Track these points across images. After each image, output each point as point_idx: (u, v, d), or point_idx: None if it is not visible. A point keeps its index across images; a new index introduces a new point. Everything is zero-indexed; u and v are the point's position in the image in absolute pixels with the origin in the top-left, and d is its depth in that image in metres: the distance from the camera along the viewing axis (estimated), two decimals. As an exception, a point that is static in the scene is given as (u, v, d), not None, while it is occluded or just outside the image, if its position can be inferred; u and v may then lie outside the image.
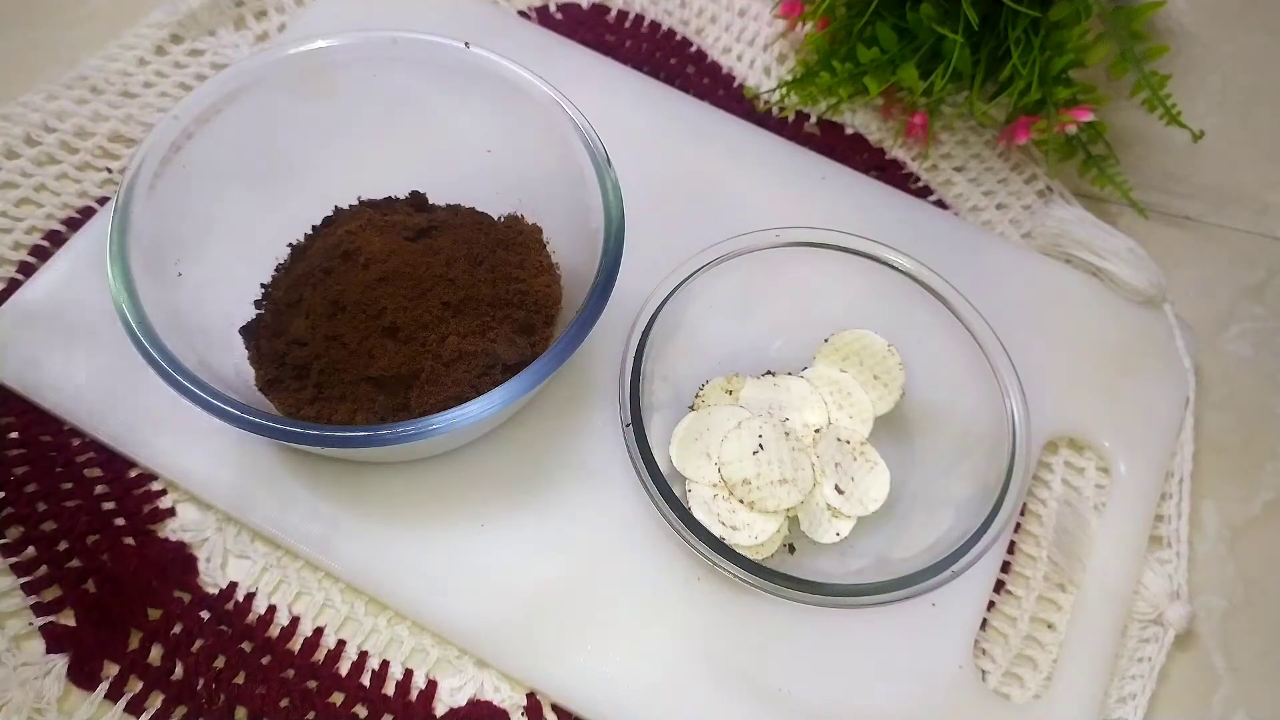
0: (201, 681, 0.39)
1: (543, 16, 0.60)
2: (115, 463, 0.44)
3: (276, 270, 0.44)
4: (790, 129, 0.58)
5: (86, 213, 0.49)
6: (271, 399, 0.41)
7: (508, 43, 0.44)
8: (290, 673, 0.40)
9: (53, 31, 0.56)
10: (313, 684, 0.40)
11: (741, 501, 0.42)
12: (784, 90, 0.58)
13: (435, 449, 0.43)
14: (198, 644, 0.40)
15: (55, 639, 0.40)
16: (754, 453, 0.42)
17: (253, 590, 0.42)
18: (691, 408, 0.45)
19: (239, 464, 0.43)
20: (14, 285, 0.47)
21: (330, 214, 0.46)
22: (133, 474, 0.44)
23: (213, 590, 0.42)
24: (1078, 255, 0.53)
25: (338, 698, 0.40)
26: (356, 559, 0.42)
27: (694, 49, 0.61)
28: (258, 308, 0.43)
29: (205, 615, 0.41)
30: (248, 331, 0.42)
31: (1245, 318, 0.55)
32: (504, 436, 0.44)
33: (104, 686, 0.39)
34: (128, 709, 0.39)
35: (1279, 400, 0.53)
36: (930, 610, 0.43)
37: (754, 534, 0.41)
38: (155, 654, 0.40)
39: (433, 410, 0.36)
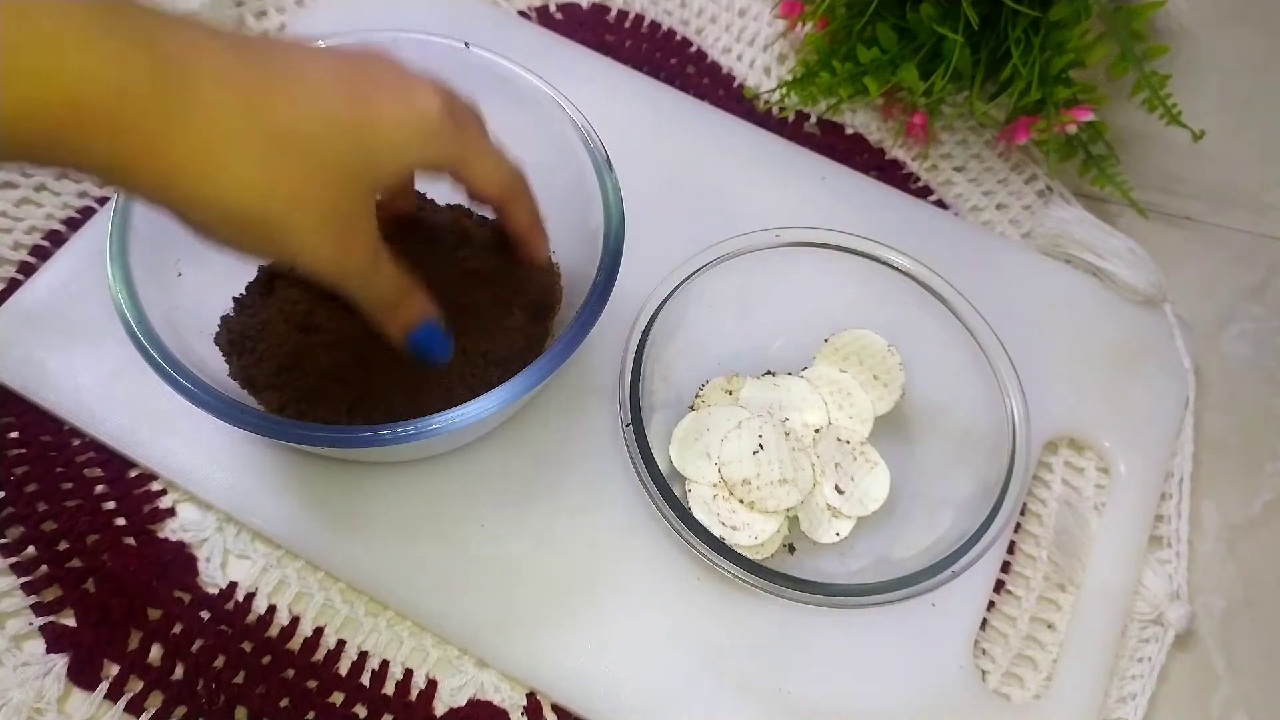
0: (201, 681, 0.39)
1: (543, 16, 0.60)
2: (115, 463, 0.44)
3: (260, 269, 0.44)
4: (790, 129, 0.58)
5: (86, 213, 0.49)
6: (259, 398, 0.40)
7: (508, 43, 0.44)
8: (290, 673, 0.40)
9: (53, 31, 0.56)
10: (313, 684, 0.40)
11: (741, 501, 0.42)
12: (784, 90, 0.58)
13: (435, 449, 0.43)
14: (198, 644, 0.40)
15: (55, 639, 0.40)
16: (754, 453, 0.42)
17: (253, 590, 0.42)
18: (691, 408, 0.45)
19: (239, 464, 0.43)
20: (14, 285, 0.47)
21: None
22: (133, 474, 0.44)
23: (213, 590, 0.42)
24: (1078, 255, 0.53)
25: (338, 698, 0.40)
26: (356, 559, 0.42)
27: (694, 49, 0.61)
28: (237, 304, 0.43)
29: (205, 615, 0.41)
30: (232, 332, 0.41)
31: (1245, 318, 0.55)
32: (504, 436, 0.44)
33: (104, 686, 0.39)
34: (128, 709, 0.39)
35: (1279, 400, 0.53)
36: (930, 610, 0.43)
37: (754, 534, 0.41)
38: (155, 654, 0.40)
39: (432, 410, 0.36)
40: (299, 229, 0.29)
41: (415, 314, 0.35)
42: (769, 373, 0.47)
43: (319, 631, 0.41)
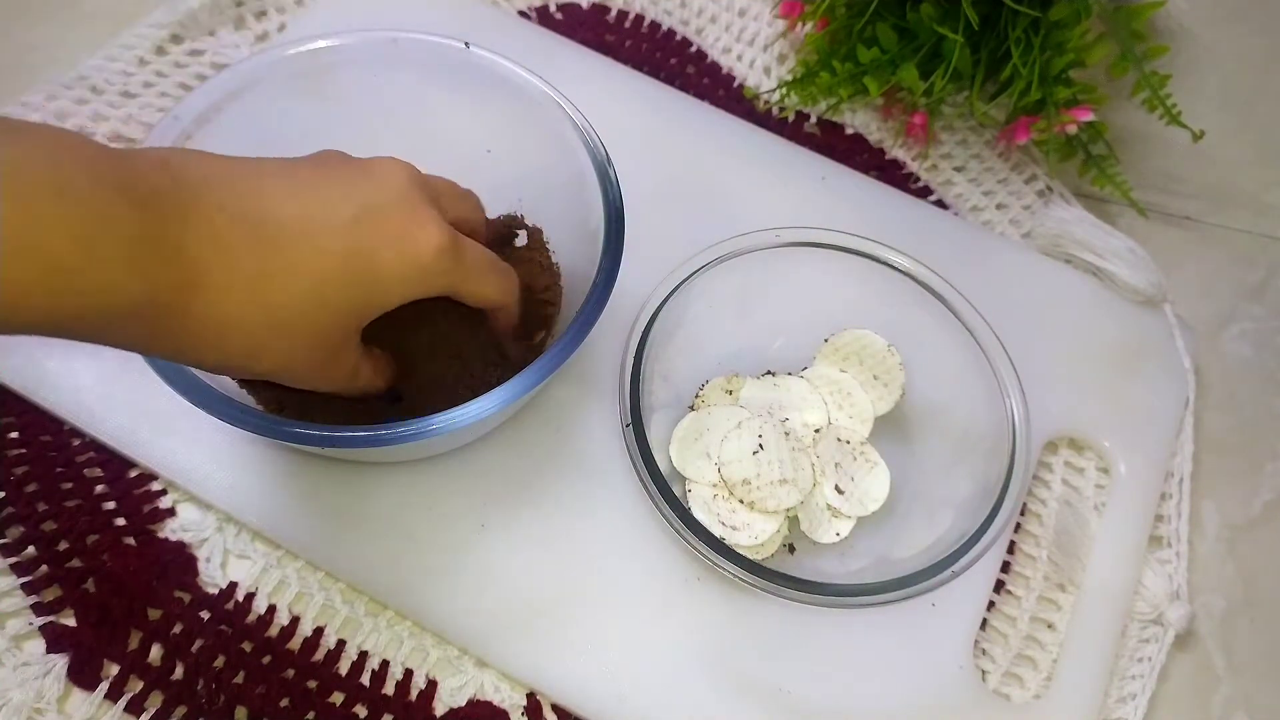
0: (201, 681, 0.39)
1: (543, 16, 0.60)
2: (115, 463, 0.44)
3: None
4: (790, 129, 0.58)
5: (86, 213, 0.49)
6: (259, 398, 0.40)
7: (508, 43, 0.44)
8: (290, 673, 0.40)
9: (53, 31, 0.56)
10: (313, 684, 0.40)
11: (741, 501, 0.42)
12: (784, 90, 0.58)
13: (435, 449, 0.43)
14: (198, 644, 0.40)
15: (55, 639, 0.40)
16: (754, 453, 0.42)
17: (253, 590, 0.42)
18: (691, 408, 0.45)
19: (239, 464, 0.43)
20: (14, 285, 0.47)
21: None
22: (133, 474, 0.44)
23: (213, 590, 0.42)
24: (1078, 255, 0.53)
25: (338, 698, 0.40)
26: (356, 559, 0.42)
27: (694, 49, 0.61)
28: None
29: (205, 615, 0.41)
30: None
31: (1245, 318, 0.55)
32: (504, 436, 0.44)
33: (104, 686, 0.39)
34: (128, 709, 0.39)
35: (1279, 400, 0.53)
36: (930, 610, 0.43)
37: (754, 534, 0.41)
38: (155, 654, 0.40)
39: (431, 411, 0.36)
40: (286, 374, 0.33)
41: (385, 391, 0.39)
42: (769, 373, 0.47)
43: (319, 631, 0.41)
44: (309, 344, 0.33)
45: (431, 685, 0.41)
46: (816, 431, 0.44)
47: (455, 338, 0.40)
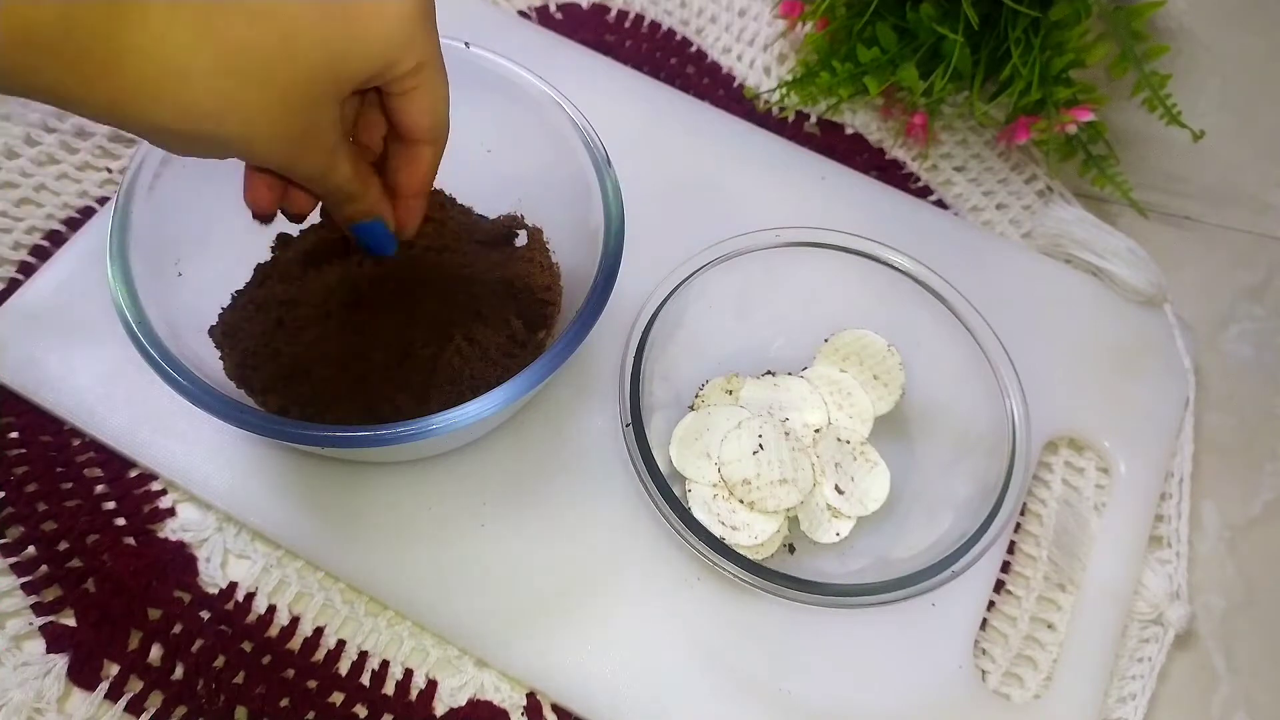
0: (201, 681, 0.39)
1: (543, 16, 0.60)
2: (115, 463, 0.44)
3: (256, 269, 0.44)
4: (790, 129, 0.58)
5: (86, 213, 0.49)
6: (258, 399, 0.40)
7: (508, 43, 0.44)
8: (290, 673, 0.40)
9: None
10: (313, 684, 0.40)
11: (741, 501, 0.42)
12: (784, 90, 0.58)
13: (435, 449, 0.43)
14: (198, 644, 0.40)
15: (55, 639, 0.40)
16: (754, 453, 0.42)
17: (253, 590, 0.42)
18: (691, 408, 0.45)
19: (239, 464, 0.43)
20: (14, 285, 0.47)
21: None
22: (133, 474, 0.44)
23: (213, 590, 0.42)
24: (1078, 255, 0.53)
25: (338, 698, 0.40)
26: (356, 559, 0.42)
27: (694, 49, 0.61)
28: (237, 302, 0.42)
29: (205, 615, 0.41)
30: (226, 326, 0.42)
31: (1245, 318, 0.55)
32: (504, 436, 0.44)
33: (104, 686, 0.39)
34: (128, 709, 0.39)
35: (1279, 400, 0.53)
36: (930, 610, 0.43)
37: (754, 534, 0.41)
38: (155, 654, 0.40)
39: (432, 410, 0.36)
40: (255, 142, 0.29)
41: (362, 211, 0.35)
42: (769, 373, 0.47)
43: (319, 631, 0.41)
44: (281, 99, 0.28)
45: (431, 685, 0.41)
46: (816, 431, 0.44)
47: (468, 316, 0.40)
